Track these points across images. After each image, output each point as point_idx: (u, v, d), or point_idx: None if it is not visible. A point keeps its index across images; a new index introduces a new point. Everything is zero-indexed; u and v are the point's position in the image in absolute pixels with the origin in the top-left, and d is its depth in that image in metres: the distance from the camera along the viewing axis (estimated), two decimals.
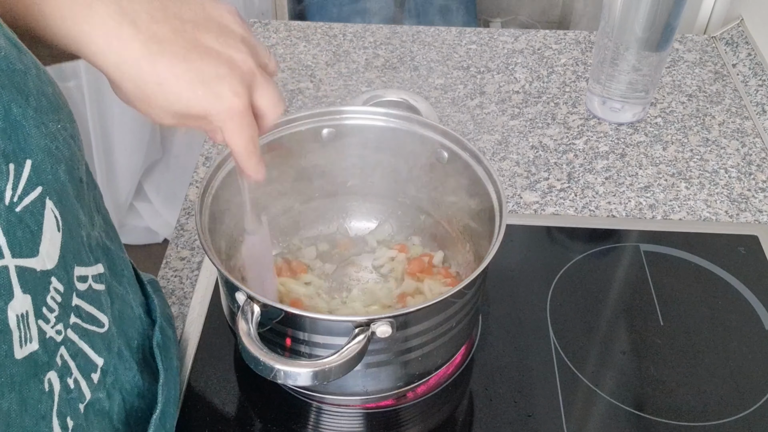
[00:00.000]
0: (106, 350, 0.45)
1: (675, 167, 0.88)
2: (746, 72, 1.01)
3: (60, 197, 0.39)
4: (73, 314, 0.41)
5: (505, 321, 0.71)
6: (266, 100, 0.47)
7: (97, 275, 0.45)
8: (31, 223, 0.36)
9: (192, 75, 0.42)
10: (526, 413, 0.64)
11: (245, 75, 0.45)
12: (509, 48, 1.07)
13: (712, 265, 0.77)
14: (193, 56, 0.42)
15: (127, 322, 0.49)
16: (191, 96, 0.43)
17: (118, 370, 0.47)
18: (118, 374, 0.47)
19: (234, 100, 0.44)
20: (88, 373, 0.43)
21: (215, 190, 0.62)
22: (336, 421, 0.64)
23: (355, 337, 0.50)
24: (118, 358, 0.47)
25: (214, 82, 0.43)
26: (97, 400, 0.44)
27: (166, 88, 0.42)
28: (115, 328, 0.47)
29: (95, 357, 0.44)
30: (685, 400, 0.65)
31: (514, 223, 0.80)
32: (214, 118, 0.44)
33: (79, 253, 0.42)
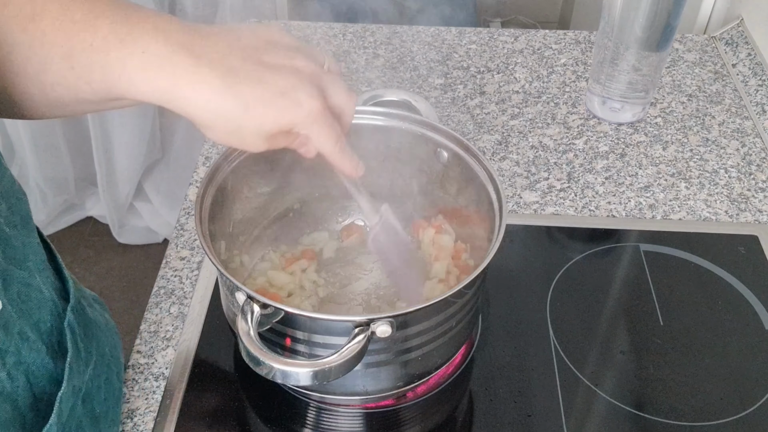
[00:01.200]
0: (2, 330, 0.45)
1: (675, 167, 0.88)
2: (746, 72, 1.01)
3: None
4: None
5: (505, 321, 0.71)
6: (339, 96, 0.51)
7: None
8: None
9: (271, 92, 0.47)
10: (526, 413, 0.64)
11: (314, 78, 0.49)
12: (509, 48, 1.07)
13: (712, 265, 0.77)
14: (266, 76, 0.47)
15: (33, 305, 0.48)
16: (275, 111, 0.47)
17: (21, 352, 0.46)
18: (21, 356, 0.46)
19: (313, 103, 0.48)
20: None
21: (215, 190, 0.62)
22: (336, 421, 0.64)
23: (355, 336, 0.50)
24: (20, 339, 0.46)
25: (291, 92, 0.47)
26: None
27: (252, 111, 0.46)
28: (14, 310, 0.46)
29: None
30: (685, 399, 0.65)
31: (514, 223, 0.80)
32: (300, 127, 0.48)
33: None
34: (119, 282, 1.84)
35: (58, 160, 1.79)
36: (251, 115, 0.46)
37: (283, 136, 0.49)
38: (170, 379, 0.66)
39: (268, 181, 0.70)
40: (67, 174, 1.83)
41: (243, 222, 0.69)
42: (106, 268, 1.87)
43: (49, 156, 1.76)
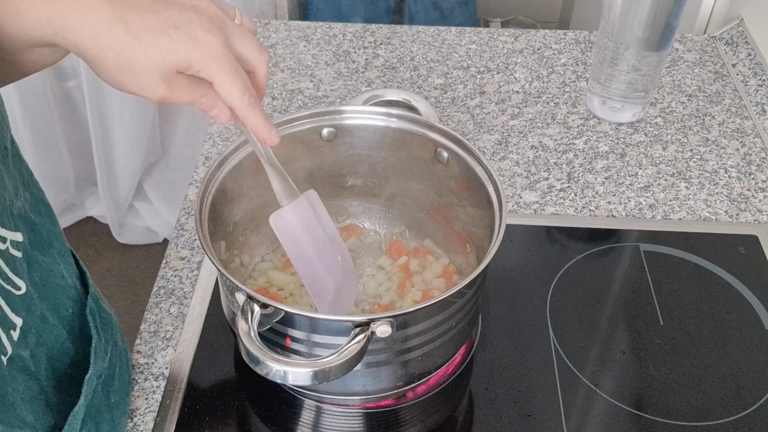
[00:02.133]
0: (25, 311, 0.45)
1: (675, 167, 0.88)
2: (746, 72, 1.01)
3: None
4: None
5: (505, 321, 0.71)
6: (246, 46, 0.47)
7: (16, 242, 0.45)
8: None
9: (162, 22, 0.43)
10: (526, 413, 0.64)
11: (214, 19, 0.46)
12: (509, 48, 1.07)
13: (712, 265, 0.77)
14: (159, 7, 0.44)
15: (54, 290, 0.49)
16: (168, 43, 0.43)
17: (42, 333, 0.47)
18: (42, 337, 0.47)
19: (211, 39, 0.45)
20: (7, 330, 0.44)
21: (215, 190, 0.62)
22: (336, 421, 0.64)
23: (355, 336, 0.50)
24: (41, 321, 0.47)
25: (186, 25, 0.44)
26: (20, 357, 0.45)
27: (143, 40, 0.43)
28: (36, 294, 0.47)
29: (12, 316, 0.44)
30: (685, 399, 0.65)
31: (514, 223, 0.80)
32: (198, 64, 0.45)
33: (1, 214, 0.43)
34: (119, 282, 1.84)
35: (58, 160, 1.79)
36: (142, 46, 0.43)
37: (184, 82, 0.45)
38: (170, 379, 0.66)
39: (267, 183, 0.69)
40: (67, 174, 1.83)
41: (243, 222, 0.69)
42: (106, 268, 1.87)
43: (49, 156, 1.76)
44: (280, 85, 0.99)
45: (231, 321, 0.62)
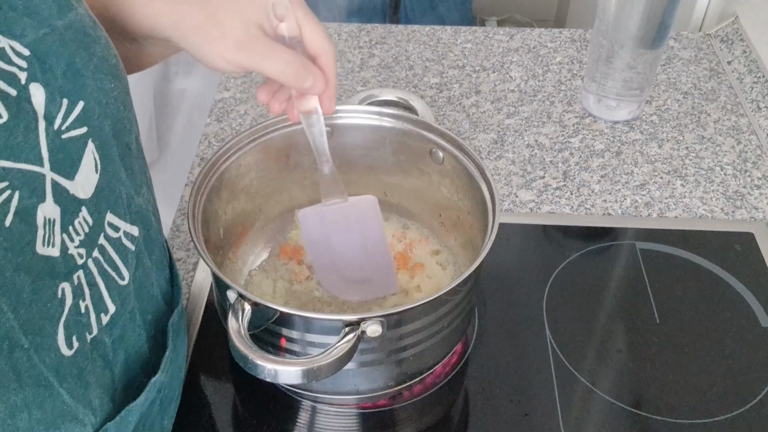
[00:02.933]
0: (120, 302, 0.47)
1: (670, 165, 0.88)
2: (741, 69, 1.01)
3: (102, 146, 0.44)
4: (97, 250, 0.44)
5: (502, 320, 0.71)
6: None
7: (131, 235, 0.48)
8: (72, 152, 0.41)
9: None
10: (523, 412, 0.64)
11: None
12: (504, 47, 1.07)
13: (708, 263, 0.77)
14: None
15: (145, 295, 0.51)
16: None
17: (127, 329, 0.48)
18: (126, 332, 0.48)
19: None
20: (99, 312, 0.45)
21: (208, 190, 0.62)
22: (332, 421, 0.64)
23: (345, 335, 0.50)
24: (129, 317, 0.48)
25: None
26: (102, 342, 0.46)
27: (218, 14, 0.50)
28: (134, 290, 0.49)
29: (108, 301, 0.46)
30: (682, 397, 0.65)
31: (509, 222, 0.80)
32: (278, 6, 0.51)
33: (115, 203, 0.46)
34: None
35: None
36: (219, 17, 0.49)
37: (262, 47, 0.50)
38: None
39: (263, 183, 0.69)
40: None
41: (238, 222, 0.69)
42: None
43: None
44: None
45: (224, 321, 0.62)
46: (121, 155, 0.46)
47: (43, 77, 0.39)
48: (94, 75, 0.43)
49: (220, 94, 0.98)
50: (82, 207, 0.43)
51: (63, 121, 0.41)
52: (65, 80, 0.41)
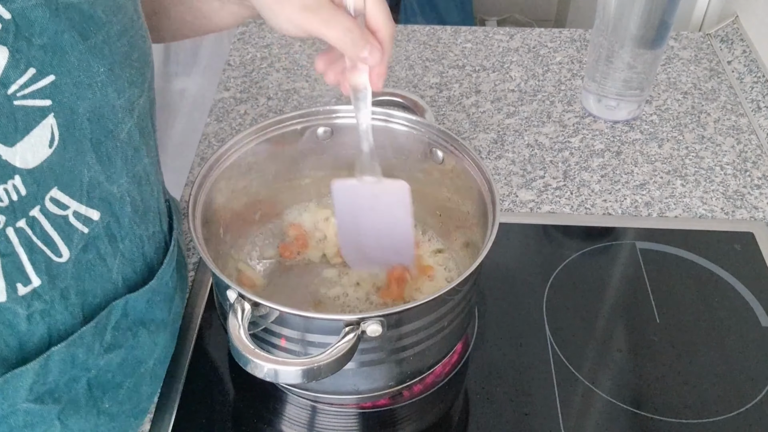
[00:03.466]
0: (48, 278, 0.46)
1: (670, 165, 0.88)
2: (741, 69, 1.01)
3: (68, 126, 0.44)
4: (25, 221, 0.44)
5: (502, 319, 0.71)
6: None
7: (86, 217, 0.48)
8: (19, 120, 0.41)
9: None
10: (523, 411, 0.64)
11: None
12: (504, 46, 1.07)
13: (708, 263, 0.77)
14: None
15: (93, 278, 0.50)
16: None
17: (54, 306, 0.48)
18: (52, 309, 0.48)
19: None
20: (14, 282, 0.45)
21: (208, 190, 0.62)
22: (332, 421, 0.64)
23: (345, 335, 0.50)
24: (60, 297, 0.48)
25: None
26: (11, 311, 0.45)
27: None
28: (74, 271, 0.48)
29: (31, 273, 0.45)
30: (682, 397, 0.65)
31: (509, 222, 0.80)
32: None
33: (69, 182, 0.46)
34: None
35: None
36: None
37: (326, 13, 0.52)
38: (166, 380, 0.65)
39: (263, 183, 0.69)
40: None
41: (237, 222, 0.69)
42: None
43: None
44: (276, 85, 0.99)
45: (224, 321, 0.61)
46: (97, 140, 0.46)
47: (14, 42, 0.40)
48: (82, 55, 0.43)
49: (220, 94, 0.98)
50: (15, 175, 0.42)
51: (20, 88, 0.41)
52: (42, 52, 0.41)
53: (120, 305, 0.53)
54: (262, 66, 1.03)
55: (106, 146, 0.47)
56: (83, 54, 0.43)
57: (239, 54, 1.05)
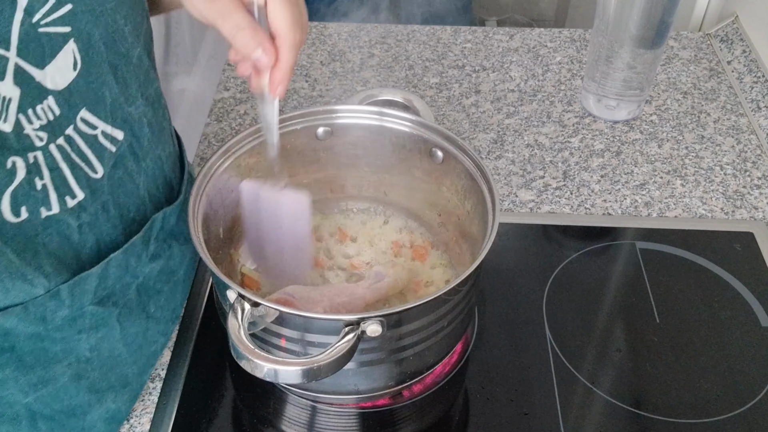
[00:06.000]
0: (90, 191, 0.51)
1: (670, 164, 0.88)
2: (741, 69, 1.01)
3: (87, 50, 0.48)
4: (63, 139, 0.48)
5: (502, 319, 0.71)
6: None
7: (112, 137, 0.52)
8: (45, 45, 0.45)
9: None
10: (523, 411, 0.64)
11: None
12: (504, 46, 1.07)
13: (708, 262, 0.77)
14: None
15: (126, 194, 0.55)
16: None
17: (98, 218, 0.53)
18: (97, 221, 0.53)
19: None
20: (63, 194, 0.50)
21: (208, 190, 0.62)
22: (332, 421, 0.64)
23: (345, 335, 0.50)
24: (101, 209, 0.53)
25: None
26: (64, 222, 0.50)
27: None
28: (109, 188, 0.53)
29: (75, 187, 0.50)
30: (682, 397, 0.65)
31: (509, 222, 0.80)
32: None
33: (95, 104, 0.50)
34: None
35: None
36: None
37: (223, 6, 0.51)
38: (166, 380, 0.66)
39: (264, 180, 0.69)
40: None
41: (237, 222, 0.69)
42: None
43: None
44: None
45: (224, 321, 0.62)
46: (113, 63, 0.50)
47: None
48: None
49: (219, 94, 0.98)
50: (48, 96, 0.46)
51: (43, 17, 0.45)
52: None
53: (159, 218, 0.59)
54: None
55: (121, 69, 0.51)
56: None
57: None
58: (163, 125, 0.60)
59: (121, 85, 0.52)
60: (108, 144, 0.52)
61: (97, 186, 0.52)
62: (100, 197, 0.52)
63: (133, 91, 0.53)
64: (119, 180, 0.54)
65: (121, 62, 0.51)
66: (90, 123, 0.50)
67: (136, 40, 0.53)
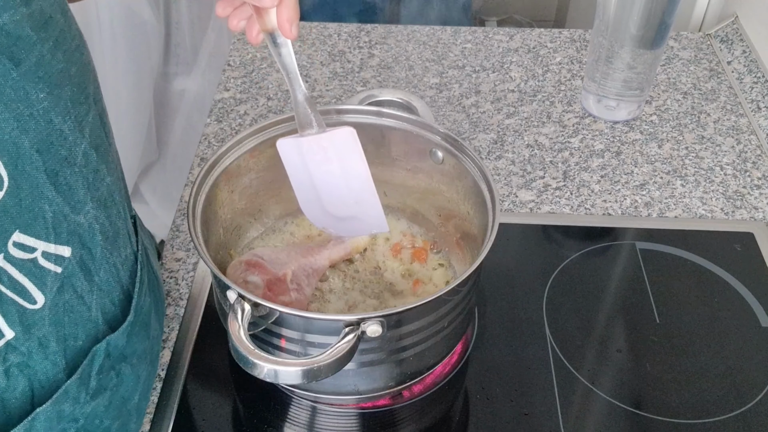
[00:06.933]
0: (22, 327, 0.44)
1: (670, 165, 0.88)
2: (741, 69, 1.01)
3: (17, 163, 0.41)
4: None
5: (502, 320, 0.71)
6: None
7: (56, 256, 0.45)
8: None
9: None
10: (523, 411, 0.64)
11: None
12: (504, 47, 1.07)
13: (708, 263, 0.77)
14: None
15: (73, 320, 0.47)
16: None
17: (32, 357, 0.45)
18: (31, 360, 0.45)
19: None
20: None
21: (208, 190, 0.62)
22: (332, 421, 0.64)
23: (345, 336, 0.50)
24: (37, 345, 0.45)
25: None
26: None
27: None
28: (51, 317, 0.45)
29: (3, 326, 0.43)
30: (682, 397, 0.65)
31: (509, 222, 0.80)
32: None
33: (30, 222, 0.42)
34: None
35: None
36: None
37: None
38: (166, 380, 0.66)
39: (263, 183, 0.69)
40: None
41: (237, 221, 0.69)
42: None
43: None
44: (276, 85, 0.99)
45: (224, 321, 0.62)
46: (51, 171, 0.43)
47: None
48: (17, 84, 0.39)
49: (219, 95, 0.98)
50: None
51: None
52: None
53: (102, 348, 0.50)
54: (262, 66, 1.03)
55: (63, 175, 0.44)
56: (18, 82, 0.39)
57: (239, 54, 1.05)
58: (118, 227, 0.51)
59: (64, 193, 0.44)
60: (51, 265, 0.44)
61: (33, 319, 0.44)
62: (37, 332, 0.44)
63: (80, 196, 0.46)
64: (66, 306, 0.46)
65: (62, 167, 0.44)
66: (26, 246, 0.42)
67: (79, 136, 0.45)
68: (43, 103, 0.41)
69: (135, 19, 1.40)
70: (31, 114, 0.41)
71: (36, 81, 0.41)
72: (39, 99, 0.41)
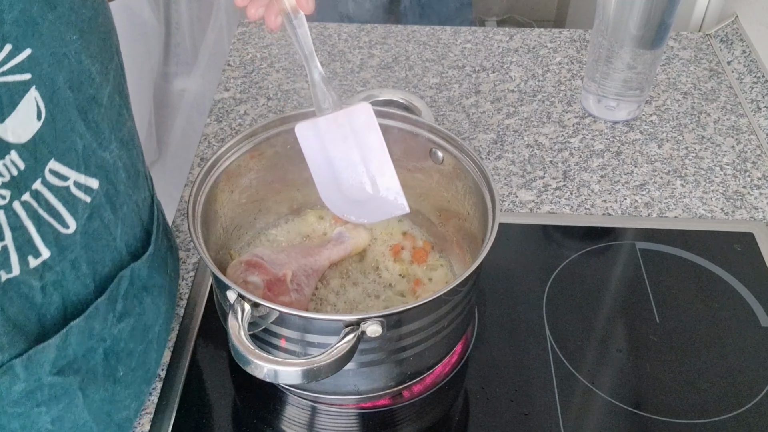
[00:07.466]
0: (57, 249, 0.48)
1: (670, 165, 0.88)
2: (741, 69, 1.01)
3: (51, 96, 0.45)
4: (29, 194, 0.45)
5: (502, 320, 0.71)
6: None
7: (86, 186, 0.49)
8: (3, 96, 0.42)
9: None
10: (523, 412, 0.64)
11: None
12: (504, 47, 1.07)
13: (708, 263, 0.77)
14: None
15: (101, 247, 0.52)
16: None
17: (66, 277, 0.49)
18: (64, 280, 0.49)
19: None
20: (25, 254, 0.46)
21: (208, 190, 0.62)
22: (332, 421, 0.64)
23: (345, 336, 0.50)
24: (70, 267, 0.49)
25: None
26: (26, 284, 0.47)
27: None
28: (82, 241, 0.50)
29: (41, 245, 0.47)
30: (682, 397, 0.65)
31: (509, 222, 0.80)
32: None
33: (64, 153, 0.47)
34: None
35: None
36: None
37: None
38: (166, 380, 0.66)
39: (263, 182, 0.69)
40: None
41: (237, 221, 0.69)
42: None
43: None
44: (276, 85, 0.99)
45: (224, 321, 0.62)
46: (81, 107, 0.47)
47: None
48: (53, 25, 0.43)
49: (219, 95, 0.98)
50: (10, 150, 0.43)
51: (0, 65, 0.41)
52: (15, 27, 0.41)
53: (127, 274, 0.55)
54: (262, 66, 1.03)
55: (92, 113, 0.48)
56: (54, 24, 0.43)
57: (239, 54, 1.05)
58: (138, 168, 0.56)
59: (92, 129, 0.48)
60: (81, 195, 0.49)
61: (67, 242, 0.48)
62: (70, 254, 0.49)
63: (106, 134, 0.50)
64: (94, 233, 0.51)
65: (91, 105, 0.48)
66: (60, 174, 0.47)
67: (104, 79, 0.49)
68: (75, 44, 0.45)
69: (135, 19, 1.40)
70: (64, 53, 0.45)
71: (68, 24, 0.44)
72: (72, 40, 0.45)
